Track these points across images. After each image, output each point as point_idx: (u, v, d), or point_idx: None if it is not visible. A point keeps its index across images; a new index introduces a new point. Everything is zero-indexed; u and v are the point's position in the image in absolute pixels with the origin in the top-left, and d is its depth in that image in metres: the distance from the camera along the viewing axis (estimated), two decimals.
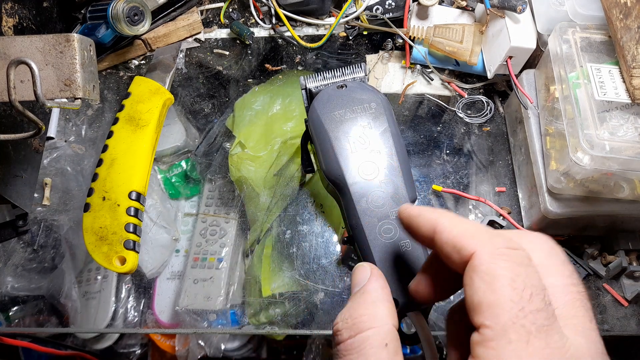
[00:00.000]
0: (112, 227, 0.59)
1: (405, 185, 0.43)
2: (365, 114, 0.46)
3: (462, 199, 0.70)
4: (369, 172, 0.44)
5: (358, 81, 0.50)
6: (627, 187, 0.56)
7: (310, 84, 0.51)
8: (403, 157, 0.45)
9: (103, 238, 0.58)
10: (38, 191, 0.71)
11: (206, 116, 0.77)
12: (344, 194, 0.44)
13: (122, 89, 0.78)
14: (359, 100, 0.47)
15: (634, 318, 0.63)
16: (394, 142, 0.45)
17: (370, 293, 0.33)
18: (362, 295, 0.34)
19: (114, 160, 0.66)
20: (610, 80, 0.57)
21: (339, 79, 0.51)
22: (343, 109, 0.46)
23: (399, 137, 0.46)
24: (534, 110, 0.65)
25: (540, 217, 0.62)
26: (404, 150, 0.46)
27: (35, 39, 0.48)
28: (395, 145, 0.45)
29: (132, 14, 0.69)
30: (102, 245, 0.58)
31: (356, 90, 0.48)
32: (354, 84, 0.49)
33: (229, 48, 0.82)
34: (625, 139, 0.53)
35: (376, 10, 0.78)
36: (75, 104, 0.49)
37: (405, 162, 0.45)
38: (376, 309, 0.32)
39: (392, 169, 0.44)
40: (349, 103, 0.47)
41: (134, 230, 0.59)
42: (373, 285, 0.34)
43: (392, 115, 0.47)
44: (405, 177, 0.43)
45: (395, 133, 0.46)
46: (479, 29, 0.71)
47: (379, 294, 0.33)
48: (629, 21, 0.55)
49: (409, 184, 0.44)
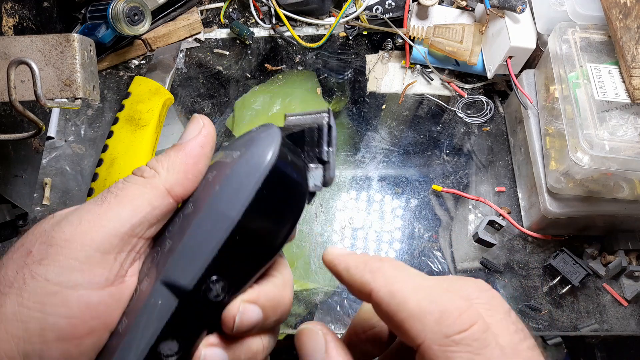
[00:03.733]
0: None
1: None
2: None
3: (462, 198, 0.70)
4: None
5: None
6: (627, 187, 0.56)
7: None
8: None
9: None
10: (38, 191, 0.71)
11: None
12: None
13: (122, 88, 0.78)
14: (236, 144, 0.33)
15: (633, 318, 0.63)
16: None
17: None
18: None
19: (114, 160, 0.66)
20: (610, 80, 0.57)
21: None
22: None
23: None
24: (534, 110, 0.65)
25: (540, 217, 0.62)
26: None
27: (35, 39, 0.48)
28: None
29: (132, 13, 0.69)
30: None
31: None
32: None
33: (229, 48, 0.82)
34: (625, 138, 0.53)
35: (376, 10, 0.78)
36: (76, 103, 0.49)
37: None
38: None
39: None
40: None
41: None
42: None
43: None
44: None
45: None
46: (479, 29, 0.71)
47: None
48: (629, 21, 0.55)
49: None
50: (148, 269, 0.30)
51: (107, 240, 0.28)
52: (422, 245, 0.68)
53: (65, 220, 0.28)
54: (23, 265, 0.27)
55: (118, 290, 0.29)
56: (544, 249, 0.66)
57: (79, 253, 0.27)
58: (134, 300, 0.29)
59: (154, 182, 0.29)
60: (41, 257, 0.27)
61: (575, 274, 0.61)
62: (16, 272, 0.27)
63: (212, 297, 0.29)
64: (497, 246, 0.65)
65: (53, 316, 0.26)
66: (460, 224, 0.69)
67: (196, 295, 0.29)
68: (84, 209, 0.29)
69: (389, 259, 0.29)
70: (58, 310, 0.26)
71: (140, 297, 0.29)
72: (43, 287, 0.26)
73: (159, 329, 0.29)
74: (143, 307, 0.29)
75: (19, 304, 0.26)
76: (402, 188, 0.71)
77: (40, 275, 0.26)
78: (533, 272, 0.65)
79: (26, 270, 0.27)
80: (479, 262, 0.66)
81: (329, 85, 0.79)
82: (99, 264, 0.28)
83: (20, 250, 0.28)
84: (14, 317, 0.26)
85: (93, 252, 0.27)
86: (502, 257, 0.66)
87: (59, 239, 0.27)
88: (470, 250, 0.67)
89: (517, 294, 0.64)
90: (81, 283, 0.27)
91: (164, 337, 0.29)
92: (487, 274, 0.66)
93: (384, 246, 0.68)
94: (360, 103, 0.77)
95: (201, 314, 0.30)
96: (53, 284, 0.26)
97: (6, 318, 0.26)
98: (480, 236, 0.64)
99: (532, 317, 0.63)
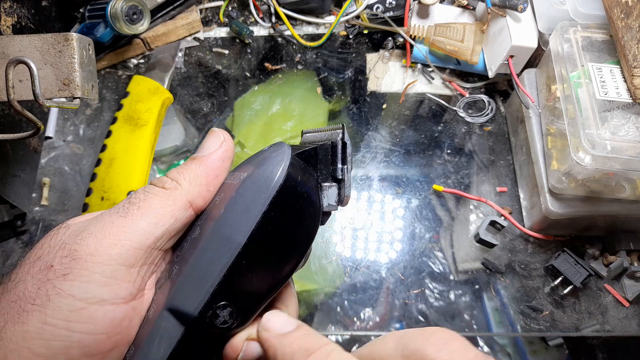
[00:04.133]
0: None
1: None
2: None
3: (463, 199, 0.69)
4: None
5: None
6: (629, 187, 0.56)
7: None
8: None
9: None
10: (36, 191, 0.70)
11: (205, 116, 0.77)
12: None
13: (120, 88, 0.78)
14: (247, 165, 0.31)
15: (635, 318, 0.63)
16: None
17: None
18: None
19: (112, 160, 0.66)
20: (611, 79, 0.56)
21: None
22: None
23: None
24: (535, 109, 0.65)
25: (542, 217, 0.62)
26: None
27: (34, 38, 0.48)
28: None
29: (131, 12, 0.69)
30: None
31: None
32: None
33: (229, 47, 0.82)
34: (627, 138, 0.52)
35: (377, 9, 0.77)
36: (74, 103, 0.49)
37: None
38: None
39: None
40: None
41: None
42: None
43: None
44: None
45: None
46: (480, 28, 0.71)
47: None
48: (630, 20, 0.55)
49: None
50: (156, 294, 0.30)
51: (132, 254, 0.27)
52: (423, 246, 0.67)
53: (87, 233, 0.27)
54: (45, 281, 0.26)
55: (139, 303, 0.28)
56: (545, 250, 0.66)
57: (104, 267, 0.26)
58: (142, 327, 0.29)
59: (176, 194, 0.29)
60: (65, 272, 0.26)
61: (577, 274, 0.61)
62: (38, 288, 0.26)
63: (220, 323, 0.28)
64: (498, 247, 0.65)
65: (79, 333, 0.26)
66: (462, 224, 0.68)
67: (202, 322, 0.28)
68: (107, 221, 0.28)
69: (322, 351, 0.27)
70: (84, 326, 0.26)
71: (147, 324, 0.28)
72: (68, 303, 0.26)
73: (165, 356, 0.28)
74: (150, 334, 0.28)
75: (43, 321, 0.25)
76: (403, 188, 0.71)
77: (65, 291, 0.26)
78: (534, 272, 0.65)
79: (49, 286, 0.26)
80: (480, 263, 0.65)
81: (329, 85, 0.78)
82: (124, 278, 0.27)
83: (38, 264, 0.27)
84: (38, 335, 0.25)
85: (118, 267, 0.27)
86: (504, 258, 0.66)
87: (83, 253, 0.27)
88: (472, 250, 0.66)
89: (519, 295, 0.64)
90: (107, 298, 0.26)
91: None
92: (489, 275, 0.65)
93: (384, 246, 0.67)
94: (360, 102, 0.77)
95: (208, 342, 0.29)
96: (78, 300, 0.26)
97: (30, 337, 0.25)
98: (481, 236, 0.64)
99: (533, 318, 0.63)
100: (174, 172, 0.30)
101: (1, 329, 0.25)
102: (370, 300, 0.65)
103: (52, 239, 0.28)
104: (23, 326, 0.25)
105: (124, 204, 0.29)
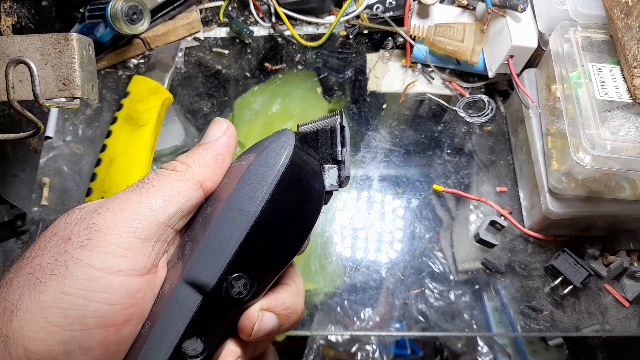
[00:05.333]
0: None
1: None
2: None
3: (463, 199, 0.69)
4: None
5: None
6: (629, 187, 0.56)
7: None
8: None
9: None
10: (36, 191, 0.70)
11: (205, 115, 0.77)
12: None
13: (120, 88, 0.78)
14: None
15: (635, 318, 0.63)
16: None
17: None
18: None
19: (112, 160, 0.66)
20: (611, 79, 0.56)
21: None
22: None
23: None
24: (535, 109, 0.65)
25: (542, 217, 0.62)
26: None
27: (34, 38, 0.48)
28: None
29: (131, 12, 0.69)
30: None
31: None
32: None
33: (229, 47, 0.82)
34: (627, 138, 0.52)
35: (377, 9, 0.77)
36: (74, 103, 0.49)
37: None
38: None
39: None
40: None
41: None
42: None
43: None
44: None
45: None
46: (480, 28, 0.71)
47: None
48: (630, 20, 0.55)
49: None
50: (169, 272, 0.30)
51: (147, 227, 0.28)
52: (423, 246, 0.67)
53: (104, 208, 0.28)
54: (63, 252, 0.27)
55: (153, 279, 0.29)
56: (545, 250, 0.66)
57: (121, 239, 0.27)
58: (156, 303, 0.29)
59: (188, 175, 0.31)
60: (82, 243, 0.27)
61: (577, 274, 0.61)
62: (55, 259, 0.27)
63: (235, 294, 0.29)
64: (498, 247, 0.65)
65: (95, 302, 0.26)
66: (462, 224, 0.68)
67: (219, 293, 0.29)
68: (122, 198, 0.29)
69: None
70: (101, 296, 0.26)
71: (162, 299, 0.29)
72: (86, 272, 0.26)
73: (184, 326, 0.29)
74: (167, 306, 0.29)
75: (61, 291, 0.26)
76: (403, 188, 0.71)
77: (84, 261, 0.26)
78: (534, 272, 0.65)
79: (67, 256, 0.26)
80: (480, 263, 0.65)
81: (329, 85, 0.78)
82: (140, 250, 0.28)
83: (55, 239, 0.28)
84: (54, 304, 0.26)
85: (134, 239, 0.28)
86: (504, 258, 0.66)
87: (100, 225, 0.27)
88: (472, 250, 0.66)
89: (519, 295, 0.64)
90: (123, 269, 0.27)
91: (188, 335, 0.29)
92: (489, 275, 0.65)
93: (384, 246, 0.67)
94: (360, 102, 0.77)
95: (224, 312, 0.30)
96: (96, 270, 0.26)
97: (46, 306, 0.26)
98: (481, 236, 0.64)
99: (533, 318, 0.63)
100: (183, 156, 0.32)
101: (17, 301, 0.26)
102: (370, 300, 0.65)
103: (68, 217, 0.29)
104: (40, 296, 0.26)
105: (138, 184, 0.30)
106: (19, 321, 0.25)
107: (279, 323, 0.31)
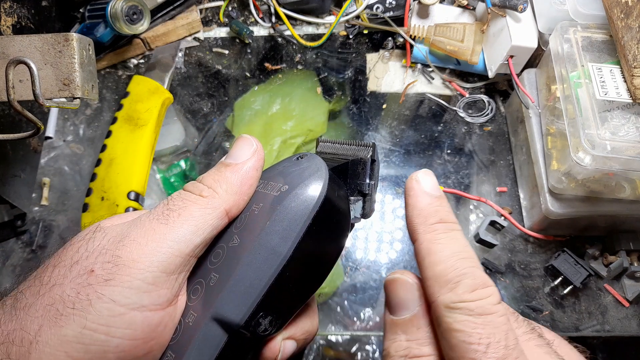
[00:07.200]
0: None
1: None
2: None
3: (463, 199, 0.69)
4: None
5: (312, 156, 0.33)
6: (629, 187, 0.56)
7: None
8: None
9: None
10: (36, 191, 0.70)
11: (205, 115, 0.77)
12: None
13: (120, 88, 0.78)
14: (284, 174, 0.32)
15: (635, 318, 0.63)
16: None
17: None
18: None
19: (112, 160, 0.66)
20: (611, 79, 0.56)
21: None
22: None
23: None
24: (535, 109, 0.65)
25: (542, 217, 0.62)
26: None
27: (34, 38, 0.48)
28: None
29: (131, 12, 0.69)
30: None
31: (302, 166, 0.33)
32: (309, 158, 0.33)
33: (229, 47, 0.82)
34: (627, 138, 0.52)
35: (377, 9, 0.77)
36: (74, 103, 0.49)
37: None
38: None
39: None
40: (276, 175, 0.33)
41: None
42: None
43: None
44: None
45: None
46: (480, 28, 0.71)
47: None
48: (630, 20, 0.55)
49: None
50: (192, 301, 0.30)
51: (173, 261, 0.28)
52: None
53: (129, 239, 0.28)
54: (86, 285, 0.26)
55: (174, 310, 0.29)
56: (545, 250, 0.66)
57: (146, 274, 0.27)
58: (179, 334, 0.29)
59: (215, 203, 0.30)
60: (107, 277, 0.26)
61: (577, 274, 0.61)
62: (78, 292, 0.26)
63: (260, 331, 0.30)
64: (498, 247, 0.65)
65: (118, 338, 0.26)
66: (462, 224, 0.68)
67: (246, 331, 0.29)
68: (148, 227, 0.28)
69: (449, 225, 0.29)
70: (123, 332, 0.26)
71: (187, 332, 0.29)
72: (110, 308, 0.26)
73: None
74: (193, 342, 0.29)
75: (83, 326, 0.25)
76: (403, 188, 0.71)
77: (107, 296, 0.26)
78: (534, 272, 0.65)
79: (90, 290, 0.26)
80: (480, 263, 0.65)
81: (329, 85, 0.78)
82: (164, 285, 0.28)
83: (76, 268, 0.27)
84: (76, 339, 0.25)
85: (159, 274, 0.27)
86: (504, 258, 0.66)
87: (126, 259, 0.27)
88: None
89: (519, 295, 0.64)
90: (147, 304, 0.27)
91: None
92: (488, 275, 0.65)
93: (384, 246, 0.67)
94: (360, 102, 0.77)
95: (248, 348, 0.30)
96: (119, 305, 0.26)
97: (67, 340, 0.25)
98: (481, 236, 0.64)
99: (533, 318, 0.63)
100: (209, 179, 0.31)
101: (36, 333, 0.25)
102: (370, 300, 0.65)
103: (89, 243, 0.28)
104: (61, 330, 0.25)
105: (162, 210, 0.29)
106: (37, 354, 0.25)
107: (299, 347, 0.32)
